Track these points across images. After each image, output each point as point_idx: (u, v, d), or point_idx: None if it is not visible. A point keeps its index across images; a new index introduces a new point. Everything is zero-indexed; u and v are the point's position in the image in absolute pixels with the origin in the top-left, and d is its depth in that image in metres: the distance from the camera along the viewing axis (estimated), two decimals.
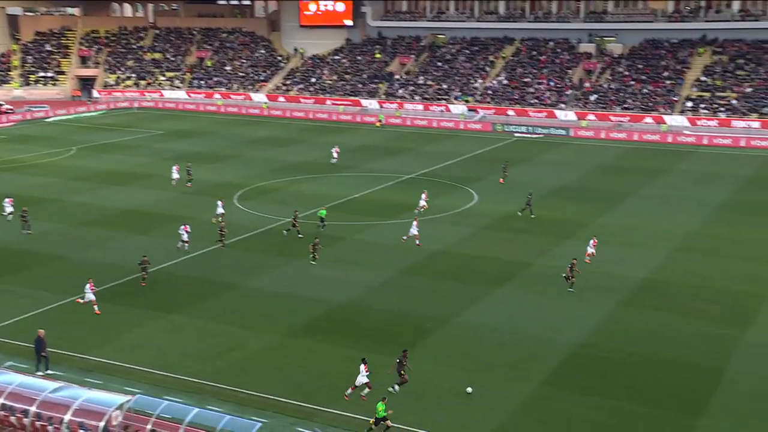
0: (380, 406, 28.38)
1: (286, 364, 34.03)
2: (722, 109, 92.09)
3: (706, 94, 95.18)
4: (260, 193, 64.20)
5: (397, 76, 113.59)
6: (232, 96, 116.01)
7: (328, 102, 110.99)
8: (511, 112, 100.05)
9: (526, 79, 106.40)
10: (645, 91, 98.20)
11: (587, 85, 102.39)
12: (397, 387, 31.12)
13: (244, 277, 44.49)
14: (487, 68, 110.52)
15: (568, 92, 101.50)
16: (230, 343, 36.01)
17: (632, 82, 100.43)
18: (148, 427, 26.82)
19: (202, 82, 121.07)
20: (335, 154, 77.30)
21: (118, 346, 35.46)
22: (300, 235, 50.96)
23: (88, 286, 39.59)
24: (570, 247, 49.59)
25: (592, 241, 47.19)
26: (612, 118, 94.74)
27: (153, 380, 32.25)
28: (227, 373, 33.06)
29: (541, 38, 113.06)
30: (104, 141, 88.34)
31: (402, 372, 31.21)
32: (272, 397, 31.02)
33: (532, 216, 56.24)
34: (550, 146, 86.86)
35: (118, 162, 76.43)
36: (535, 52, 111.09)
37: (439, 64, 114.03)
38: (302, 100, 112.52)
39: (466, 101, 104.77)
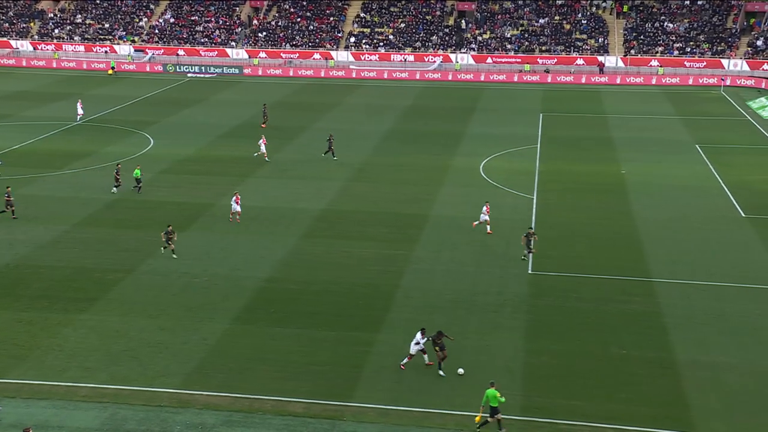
0: (492, 393, 24.38)
1: None
2: (381, 43, 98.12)
3: (367, 30, 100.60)
4: None
5: (50, 14, 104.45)
6: None
7: None
8: (181, 52, 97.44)
9: (193, 17, 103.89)
10: (311, 27, 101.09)
11: (255, 22, 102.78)
12: (441, 372, 28.76)
13: None
14: (152, 6, 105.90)
15: (238, 30, 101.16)
16: None
17: (299, 20, 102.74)
18: None
19: None
20: (80, 110, 67.50)
21: None
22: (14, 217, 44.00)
23: None
24: (252, 185, 50.39)
25: (485, 208, 42.85)
26: (283, 55, 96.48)
27: None
28: None
29: None
30: None
31: (437, 349, 28.67)
32: None
33: (335, 158, 56.09)
34: (224, 85, 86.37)
35: None
36: None
37: (98, 1, 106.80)
38: None
39: (133, 41, 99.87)
